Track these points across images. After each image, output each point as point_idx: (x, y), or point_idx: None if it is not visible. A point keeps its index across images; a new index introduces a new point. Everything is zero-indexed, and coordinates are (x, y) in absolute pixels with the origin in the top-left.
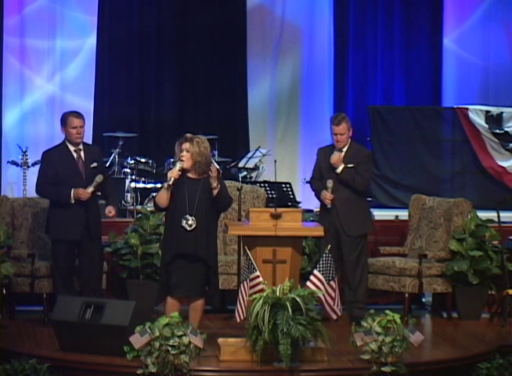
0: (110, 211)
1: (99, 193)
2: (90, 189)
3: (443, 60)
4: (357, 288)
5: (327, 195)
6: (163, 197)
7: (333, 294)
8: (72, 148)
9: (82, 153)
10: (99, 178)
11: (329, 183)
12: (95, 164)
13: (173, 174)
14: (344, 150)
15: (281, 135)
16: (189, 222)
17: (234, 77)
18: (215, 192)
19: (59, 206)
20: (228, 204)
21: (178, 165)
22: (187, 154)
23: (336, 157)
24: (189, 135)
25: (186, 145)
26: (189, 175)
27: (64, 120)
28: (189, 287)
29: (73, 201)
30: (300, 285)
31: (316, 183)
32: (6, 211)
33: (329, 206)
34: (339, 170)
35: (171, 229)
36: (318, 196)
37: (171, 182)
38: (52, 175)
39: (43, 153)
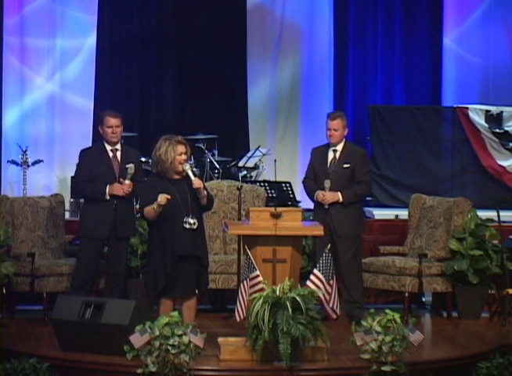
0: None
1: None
2: (127, 182)
3: (443, 60)
4: (354, 289)
5: (326, 195)
6: (152, 215)
7: (333, 293)
8: (109, 147)
9: (118, 154)
10: (130, 169)
11: (327, 183)
12: (131, 165)
13: (163, 200)
14: (339, 148)
15: (281, 135)
16: (191, 221)
17: (234, 77)
18: (204, 201)
19: (92, 203)
20: (212, 205)
21: (191, 172)
22: (186, 157)
23: (328, 196)
24: (181, 137)
25: (183, 148)
26: (176, 176)
27: (101, 119)
28: (184, 287)
29: (108, 197)
30: (300, 284)
31: (309, 183)
32: (6, 210)
33: (326, 206)
34: (341, 200)
35: (167, 231)
36: (311, 196)
37: (163, 203)
38: (87, 173)
39: (80, 151)
